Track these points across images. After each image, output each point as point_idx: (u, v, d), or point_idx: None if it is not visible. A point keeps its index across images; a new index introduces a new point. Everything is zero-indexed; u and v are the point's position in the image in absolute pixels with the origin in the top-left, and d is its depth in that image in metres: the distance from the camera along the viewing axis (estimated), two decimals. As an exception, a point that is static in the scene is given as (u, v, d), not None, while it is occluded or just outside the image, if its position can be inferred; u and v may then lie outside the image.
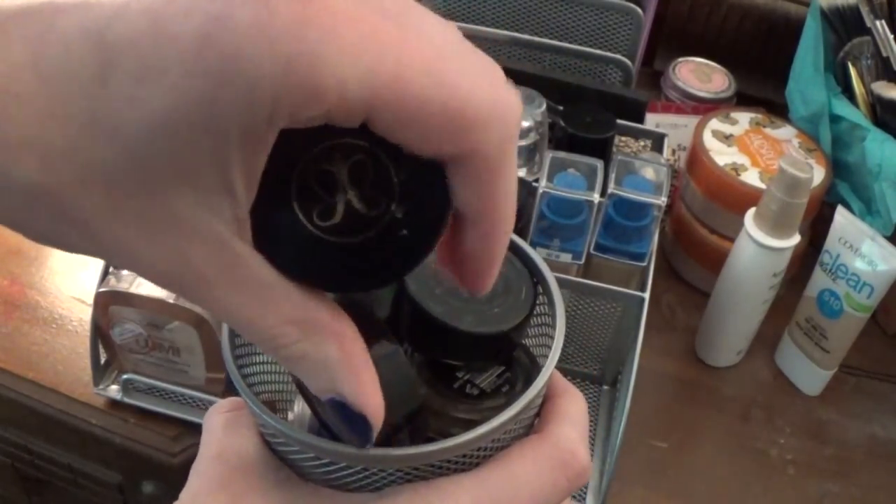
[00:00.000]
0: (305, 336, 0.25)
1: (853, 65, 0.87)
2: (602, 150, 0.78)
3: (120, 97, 0.21)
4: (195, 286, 0.24)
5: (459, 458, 0.29)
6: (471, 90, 0.23)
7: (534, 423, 0.32)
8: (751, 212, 0.78)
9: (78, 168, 0.22)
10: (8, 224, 0.24)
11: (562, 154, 0.74)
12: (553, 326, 0.32)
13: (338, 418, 0.26)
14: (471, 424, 0.29)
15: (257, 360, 0.35)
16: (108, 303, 0.75)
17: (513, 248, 0.34)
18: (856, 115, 0.86)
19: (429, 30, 0.23)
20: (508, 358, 0.33)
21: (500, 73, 0.24)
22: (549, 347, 0.32)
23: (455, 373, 0.32)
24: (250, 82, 0.21)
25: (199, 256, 0.23)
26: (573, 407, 0.32)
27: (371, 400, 0.26)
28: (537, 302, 0.33)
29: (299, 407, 0.35)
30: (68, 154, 0.22)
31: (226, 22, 0.21)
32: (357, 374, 0.26)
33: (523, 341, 0.34)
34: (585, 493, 0.75)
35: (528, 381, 0.32)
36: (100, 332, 0.78)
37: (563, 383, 0.33)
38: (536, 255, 0.34)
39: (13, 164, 0.22)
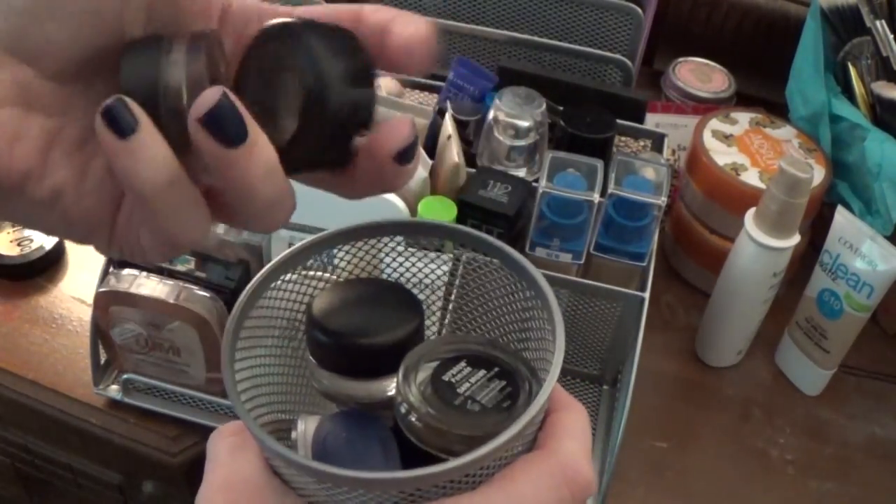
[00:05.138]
0: None
1: (853, 65, 0.87)
2: (602, 150, 0.78)
3: None
4: None
5: (462, 478, 0.29)
6: None
7: (536, 438, 0.32)
8: (751, 212, 0.78)
9: None
10: None
11: (562, 154, 0.74)
12: (553, 341, 0.32)
13: None
14: (473, 441, 0.29)
15: (260, 382, 0.35)
16: (108, 303, 0.75)
17: (515, 266, 0.34)
18: (856, 115, 0.85)
19: None
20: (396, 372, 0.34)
21: None
22: (550, 361, 0.31)
23: (456, 389, 0.32)
24: None
25: None
26: (575, 421, 0.32)
27: None
28: (421, 326, 0.34)
29: (303, 426, 0.35)
30: None
31: None
32: None
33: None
34: (585, 493, 0.75)
35: (530, 395, 0.31)
36: (100, 332, 0.78)
37: (565, 397, 0.33)
38: (534, 269, 0.33)
39: None
